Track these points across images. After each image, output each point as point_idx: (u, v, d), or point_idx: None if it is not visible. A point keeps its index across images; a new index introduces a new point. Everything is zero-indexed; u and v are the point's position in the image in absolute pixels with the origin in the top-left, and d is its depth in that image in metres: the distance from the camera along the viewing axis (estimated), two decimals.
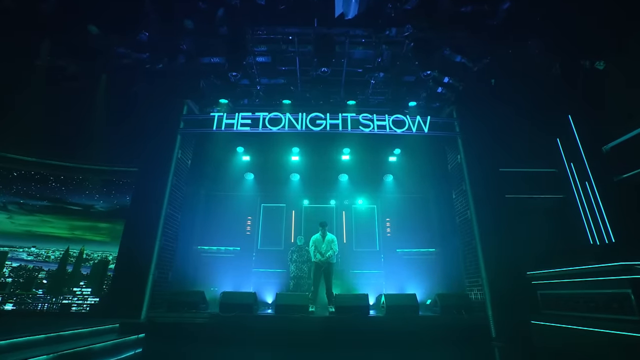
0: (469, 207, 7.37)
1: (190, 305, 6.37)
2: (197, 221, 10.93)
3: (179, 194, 7.70)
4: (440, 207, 10.50)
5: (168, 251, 7.30)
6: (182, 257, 9.62)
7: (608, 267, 4.82)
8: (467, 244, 7.46)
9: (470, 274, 7.37)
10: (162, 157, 7.37)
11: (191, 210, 10.46)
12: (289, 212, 11.50)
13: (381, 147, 9.95)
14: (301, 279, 8.54)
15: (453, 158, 8.09)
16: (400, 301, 6.30)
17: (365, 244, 11.27)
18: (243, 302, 6.26)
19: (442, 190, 10.01)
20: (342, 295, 6.48)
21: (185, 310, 6.30)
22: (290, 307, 6.19)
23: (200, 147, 8.87)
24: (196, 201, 10.87)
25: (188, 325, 6.09)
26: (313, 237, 7.30)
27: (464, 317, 6.18)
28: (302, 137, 8.63)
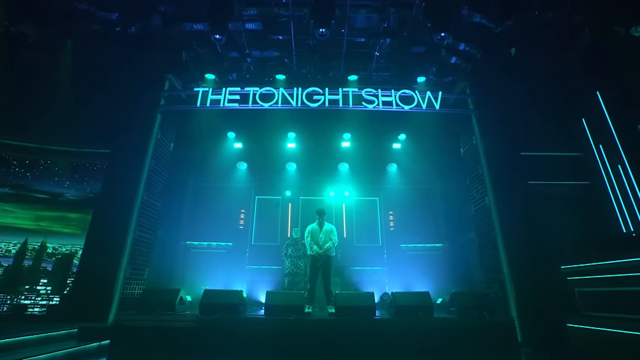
0: (487, 194, 6.35)
1: (165, 306, 5.33)
2: (185, 214, 9.91)
3: (158, 179, 6.65)
4: (448, 199, 9.51)
5: (144, 244, 6.25)
6: (168, 253, 8.67)
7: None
8: (484, 236, 6.44)
9: (488, 270, 6.34)
10: (138, 137, 6.33)
11: (178, 203, 9.45)
12: (285, 205, 10.49)
13: (385, 133, 8.94)
14: (297, 276, 7.51)
15: (467, 140, 7.07)
16: (412, 300, 5.27)
17: (367, 238, 10.31)
18: (228, 302, 5.22)
19: (451, 179, 9.01)
20: (344, 294, 5.45)
21: (159, 312, 5.25)
22: (283, 308, 5.16)
23: (185, 131, 7.83)
24: (184, 192, 9.85)
25: (162, 330, 5.04)
26: (309, 227, 6.27)
27: (486, 319, 5.16)
28: (297, 117, 7.61)
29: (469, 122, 6.89)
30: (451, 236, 9.44)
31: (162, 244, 8.54)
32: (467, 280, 8.38)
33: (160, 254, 8.40)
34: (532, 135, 6.86)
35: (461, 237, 9.05)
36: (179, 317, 5.22)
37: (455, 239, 9.28)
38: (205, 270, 9.51)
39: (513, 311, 5.53)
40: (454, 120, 7.38)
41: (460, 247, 9.05)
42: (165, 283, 7.52)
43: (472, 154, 6.84)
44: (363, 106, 6.58)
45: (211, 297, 5.35)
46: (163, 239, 8.67)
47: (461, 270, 8.79)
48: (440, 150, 8.44)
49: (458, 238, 9.17)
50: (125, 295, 5.72)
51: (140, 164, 6.17)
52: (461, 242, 9.06)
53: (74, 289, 5.53)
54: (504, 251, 5.86)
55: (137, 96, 6.52)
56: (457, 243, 9.16)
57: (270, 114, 7.73)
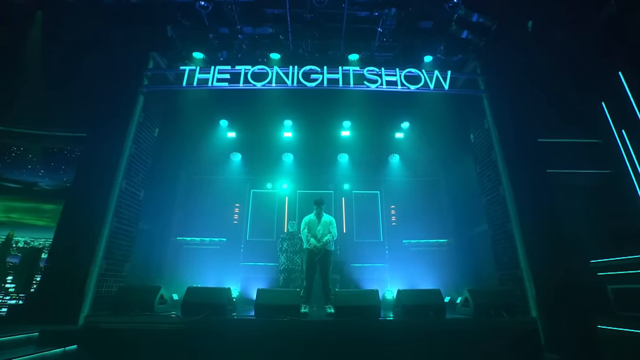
0: (501, 182, 5.68)
1: (142, 306, 4.63)
2: (177, 208, 9.25)
3: (140, 166, 5.96)
4: (454, 191, 8.86)
5: (124, 237, 5.56)
6: (156, 248, 8.02)
7: None
8: (498, 228, 5.77)
9: (502, 265, 5.68)
10: (118, 119, 5.63)
11: (169, 195, 8.79)
12: (282, 199, 9.83)
13: (387, 120, 8.28)
14: (293, 272, 6.82)
15: (477, 125, 6.40)
16: (421, 299, 4.59)
17: (368, 234, 9.67)
18: (213, 302, 4.53)
19: (458, 169, 8.36)
20: (344, 292, 4.77)
21: (136, 313, 4.56)
22: (276, 308, 4.47)
23: (173, 117, 7.13)
24: (175, 185, 9.19)
25: (138, 333, 4.35)
26: (306, 218, 5.59)
27: (505, 320, 4.48)
28: (293, 100, 6.94)
29: (480, 105, 6.22)
30: (457, 231, 8.80)
31: (150, 238, 7.90)
32: (475, 277, 7.76)
33: (147, 249, 7.77)
34: (548, 120, 6.20)
35: (468, 232, 8.42)
36: (158, 318, 4.53)
37: (461, 233, 8.64)
38: (197, 267, 8.87)
39: (533, 311, 4.87)
40: (463, 103, 6.70)
41: (467, 242, 8.42)
42: (153, 281, 6.84)
43: (484, 139, 6.17)
44: (365, 86, 5.90)
45: (195, 295, 4.66)
46: (151, 234, 8.03)
47: (468, 267, 8.16)
48: (446, 138, 7.77)
49: (465, 233, 8.53)
50: (101, 293, 5.03)
51: (119, 148, 5.48)
52: (468, 237, 8.43)
53: (41, 286, 4.83)
54: (521, 244, 5.19)
55: (117, 75, 5.82)
56: (464, 238, 8.53)
57: (264, 98, 7.07)
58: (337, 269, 7.42)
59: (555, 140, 6.10)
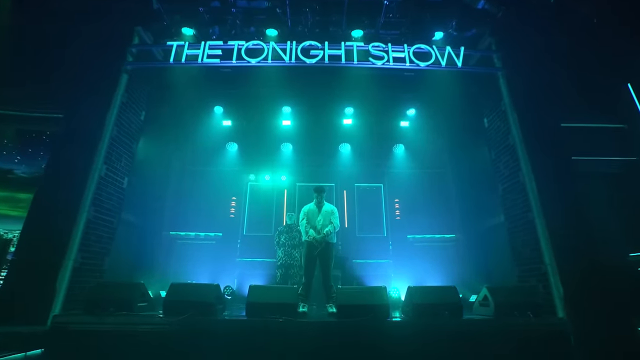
0: (520, 169, 5.05)
1: (121, 304, 4.02)
2: (169, 201, 8.64)
3: (124, 152, 5.35)
4: (463, 184, 8.24)
5: (103, 228, 4.95)
6: (147, 243, 7.44)
7: None
8: (517, 218, 5.14)
9: (522, 260, 5.05)
10: (98, 99, 5.02)
11: (161, 187, 8.20)
12: (280, 192, 9.21)
13: (392, 106, 7.65)
14: (291, 268, 6.21)
15: (492, 107, 5.78)
16: (434, 297, 3.97)
17: (371, 228, 9.06)
18: (200, 300, 3.92)
19: (467, 159, 7.74)
20: (348, 290, 4.14)
21: (111, 312, 3.95)
22: (271, 307, 3.86)
23: (163, 101, 6.52)
24: (168, 177, 8.59)
25: (113, 335, 3.74)
26: (304, 208, 4.98)
27: (532, 321, 3.86)
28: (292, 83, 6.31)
29: (495, 86, 5.59)
30: (466, 225, 8.19)
31: (140, 232, 7.33)
32: (487, 274, 7.16)
33: (137, 244, 7.20)
34: (569, 103, 5.58)
35: (478, 226, 7.80)
36: (137, 318, 3.92)
37: (470, 228, 8.04)
38: (191, 263, 8.27)
39: (559, 310, 4.25)
40: (475, 86, 6.07)
41: (478, 237, 7.81)
42: (143, 278, 6.24)
43: (500, 123, 5.55)
44: (370, 63, 5.28)
45: (179, 293, 4.05)
46: (141, 227, 7.46)
47: (479, 263, 7.55)
48: (456, 125, 7.14)
49: (474, 227, 7.92)
50: (76, 290, 4.42)
51: (98, 130, 4.87)
52: (478, 231, 7.82)
53: (6, 282, 4.22)
54: (545, 236, 4.56)
55: (98, 51, 5.20)
56: (474, 232, 7.92)
57: (260, 80, 6.44)
58: (338, 265, 6.81)
59: (579, 125, 5.49)
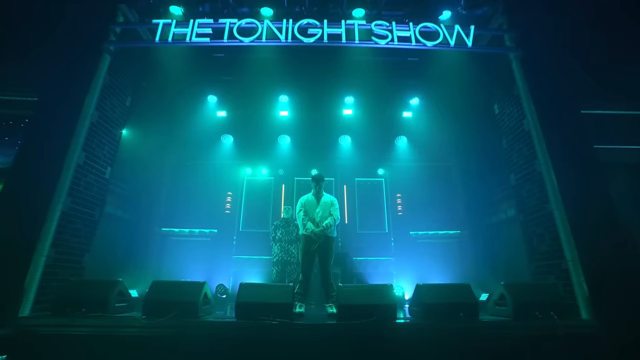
0: (536, 156, 4.57)
1: (94, 304, 3.53)
2: (162, 196, 8.18)
3: (106, 139, 4.86)
4: (469, 178, 7.80)
5: (81, 221, 4.46)
6: (139, 240, 7.00)
7: None
8: (533, 210, 4.66)
9: (538, 255, 4.57)
10: (76, 80, 4.53)
11: (154, 182, 7.74)
12: (278, 187, 8.74)
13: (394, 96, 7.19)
14: (288, 265, 5.73)
15: (504, 92, 5.29)
16: (448, 296, 3.50)
17: (372, 225, 8.59)
18: (183, 299, 3.44)
19: (473, 152, 7.27)
20: (350, 288, 3.65)
21: (84, 313, 3.45)
22: (264, 307, 3.38)
23: (152, 88, 6.05)
24: (161, 171, 8.12)
25: (85, 339, 3.25)
26: (302, 199, 4.49)
27: (556, 324, 3.38)
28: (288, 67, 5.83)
29: (507, 69, 5.11)
30: (471, 221, 7.74)
31: (130, 228, 6.88)
32: (493, 272, 6.72)
33: (127, 241, 6.76)
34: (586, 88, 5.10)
35: (484, 221, 7.36)
36: (112, 320, 3.43)
37: (476, 223, 7.59)
38: (185, 260, 7.82)
39: (583, 311, 3.78)
40: (485, 69, 5.59)
41: (484, 233, 7.37)
42: (133, 276, 5.77)
43: (512, 108, 5.07)
44: (373, 42, 4.79)
45: (161, 291, 3.56)
46: (132, 223, 7.05)
47: (486, 260, 7.11)
48: (462, 114, 6.66)
49: (481, 222, 7.48)
50: (49, 290, 3.93)
51: (75, 113, 4.38)
52: (485, 227, 7.37)
53: None
54: (566, 230, 4.08)
55: (78, 30, 4.72)
56: (480, 228, 7.48)
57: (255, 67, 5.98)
58: (338, 262, 6.33)
59: (601, 112, 5.01)
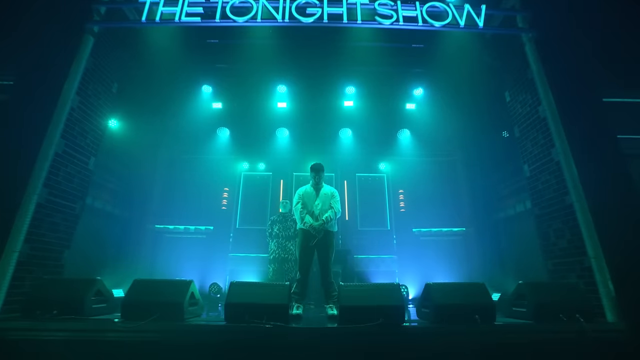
0: (554, 145, 4.17)
1: (68, 306, 3.13)
2: (156, 192, 7.80)
3: (89, 127, 4.46)
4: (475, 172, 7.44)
5: (60, 215, 4.06)
6: (130, 237, 6.64)
7: None
8: (552, 203, 4.25)
9: (555, 252, 4.17)
10: (56, 63, 4.13)
11: (147, 177, 7.36)
12: (276, 182, 8.35)
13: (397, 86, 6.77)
14: (285, 263, 5.34)
15: (516, 78, 4.90)
16: (461, 297, 3.10)
17: (373, 221, 8.23)
18: (166, 300, 3.05)
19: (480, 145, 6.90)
20: (352, 287, 3.24)
21: (54, 316, 3.05)
22: (256, 309, 2.98)
23: (143, 78, 5.66)
24: (154, 165, 7.74)
25: (56, 345, 2.86)
26: (300, 190, 4.09)
27: (583, 328, 2.98)
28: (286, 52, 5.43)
29: (520, 52, 4.72)
30: (477, 217, 7.39)
31: (122, 225, 6.54)
32: (502, 270, 6.36)
33: (119, 238, 6.43)
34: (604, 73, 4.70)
35: (491, 217, 7.01)
36: (86, 324, 3.03)
37: (483, 220, 7.24)
38: (180, 258, 7.46)
39: (609, 313, 3.38)
40: (495, 54, 5.19)
41: (491, 230, 7.02)
42: (124, 276, 5.39)
43: (526, 95, 4.67)
44: (376, 23, 4.39)
45: (142, 291, 3.17)
46: (125, 220, 6.71)
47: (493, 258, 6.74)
48: (469, 103, 6.26)
49: (487, 219, 7.13)
50: (22, 289, 3.54)
51: (54, 97, 3.98)
52: (491, 224, 7.02)
53: None
54: (589, 223, 3.69)
55: (57, 8, 4.33)
56: (486, 225, 7.12)
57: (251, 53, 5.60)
58: (339, 259, 5.95)
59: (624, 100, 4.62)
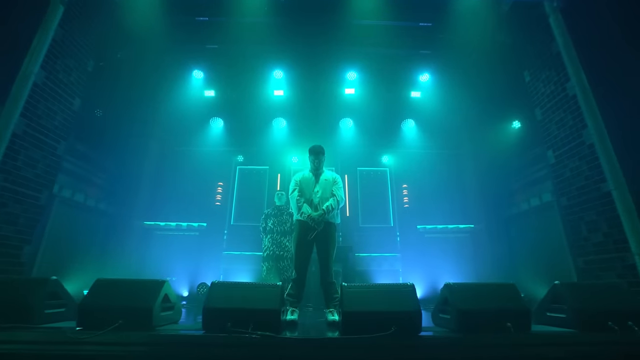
0: (586, 125, 3.59)
1: (14, 311, 2.54)
2: (145, 186, 7.24)
3: (57, 107, 3.88)
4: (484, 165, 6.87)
5: (20, 205, 3.47)
6: (116, 234, 6.11)
7: None
8: (583, 192, 3.67)
9: (591, 248, 3.58)
10: (16, 31, 3.57)
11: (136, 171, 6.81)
12: (273, 175, 7.80)
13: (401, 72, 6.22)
14: (281, 260, 4.74)
15: (538, 54, 4.33)
16: (488, 300, 2.52)
17: (375, 218, 7.71)
18: (132, 305, 2.46)
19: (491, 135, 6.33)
20: (357, 289, 2.63)
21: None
22: (242, 315, 2.39)
23: (130, 64, 5.11)
24: (143, 158, 7.17)
25: None
26: (297, 176, 3.51)
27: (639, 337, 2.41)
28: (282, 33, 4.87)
29: (543, 25, 4.16)
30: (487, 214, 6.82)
31: (107, 222, 6.03)
32: (513, 269, 5.83)
33: (103, 236, 5.89)
34: None
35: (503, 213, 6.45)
36: (34, 334, 2.44)
37: (493, 216, 6.71)
38: (171, 257, 6.93)
39: None
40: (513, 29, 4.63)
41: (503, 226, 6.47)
42: (113, 276, 4.83)
43: (550, 71, 4.09)
44: None
45: (104, 293, 2.57)
46: (110, 216, 6.19)
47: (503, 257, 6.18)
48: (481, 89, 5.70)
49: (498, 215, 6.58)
50: None
51: (12, 69, 3.40)
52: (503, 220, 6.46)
53: None
54: (631, 214, 3.11)
55: None
56: (497, 221, 6.59)
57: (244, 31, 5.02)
58: (340, 257, 5.36)
59: None
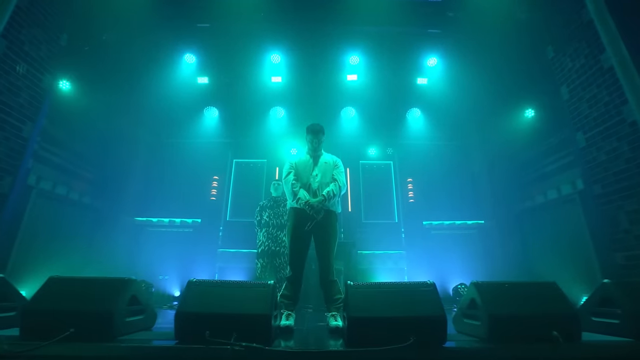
0: (627, 100, 3.07)
1: None
2: (136, 181, 6.78)
3: (22, 81, 3.39)
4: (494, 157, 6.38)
5: None
6: (106, 233, 5.73)
7: None
8: (622, 179, 3.16)
9: (633, 241, 3.08)
10: None
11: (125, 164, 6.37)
12: (272, 169, 7.33)
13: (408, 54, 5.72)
14: (277, 256, 4.23)
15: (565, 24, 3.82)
16: (524, 303, 1.99)
17: (379, 213, 7.25)
18: (87, 309, 1.96)
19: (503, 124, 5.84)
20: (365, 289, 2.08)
21: None
22: (223, 322, 1.89)
23: (116, 47, 4.62)
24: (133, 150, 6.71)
25: None
26: (292, 158, 3.02)
27: None
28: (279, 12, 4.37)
29: None
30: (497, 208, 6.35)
31: (94, 217, 5.62)
32: (528, 269, 5.36)
33: (90, 232, 5.43)
34: None
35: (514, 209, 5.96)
36: None
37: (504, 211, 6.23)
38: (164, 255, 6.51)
39: None
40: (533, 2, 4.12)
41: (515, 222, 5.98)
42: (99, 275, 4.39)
43: (580, 43, 3.58)
44: None
45: (56, 294, 2.07)
46: (98, 211, 5.80)
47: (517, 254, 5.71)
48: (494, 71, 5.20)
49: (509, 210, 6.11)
50: None
51: None
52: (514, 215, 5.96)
53: None
54: None
55: None
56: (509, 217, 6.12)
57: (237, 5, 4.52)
58: (341, 254, 4.86)
59: None
